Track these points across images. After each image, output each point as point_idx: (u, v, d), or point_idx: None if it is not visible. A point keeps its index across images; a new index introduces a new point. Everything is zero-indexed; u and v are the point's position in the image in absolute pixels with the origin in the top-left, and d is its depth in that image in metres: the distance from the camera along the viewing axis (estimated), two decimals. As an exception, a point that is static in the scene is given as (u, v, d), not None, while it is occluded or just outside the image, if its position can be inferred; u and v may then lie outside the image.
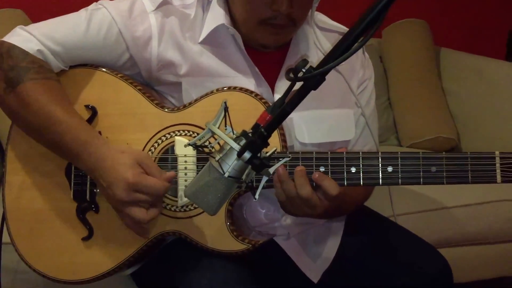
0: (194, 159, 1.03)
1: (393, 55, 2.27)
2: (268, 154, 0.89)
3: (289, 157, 0.95)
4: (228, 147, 0.82)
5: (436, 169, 0.93)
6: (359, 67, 1.21)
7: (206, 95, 1.05)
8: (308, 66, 0.72)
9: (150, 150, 1.05)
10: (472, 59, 2.23)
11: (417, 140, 2.13)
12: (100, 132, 1.06)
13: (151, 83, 1.14)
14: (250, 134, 0.78)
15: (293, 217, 1.17)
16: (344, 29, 1.23)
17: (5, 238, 1.11)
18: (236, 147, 0.79)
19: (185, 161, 1.03)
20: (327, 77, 1.16)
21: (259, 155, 0.83)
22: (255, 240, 1.02)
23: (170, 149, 1.05)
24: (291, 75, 0.73)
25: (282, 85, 1.12)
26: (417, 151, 0.94)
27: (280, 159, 0.91)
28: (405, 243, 1.23)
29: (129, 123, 1.06)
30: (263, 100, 1.03)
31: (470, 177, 0.92)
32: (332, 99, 1.17)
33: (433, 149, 2.12)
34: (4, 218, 1.09)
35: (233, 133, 0.84)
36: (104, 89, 1.07)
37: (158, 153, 1.05)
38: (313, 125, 1.14)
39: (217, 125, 0.87)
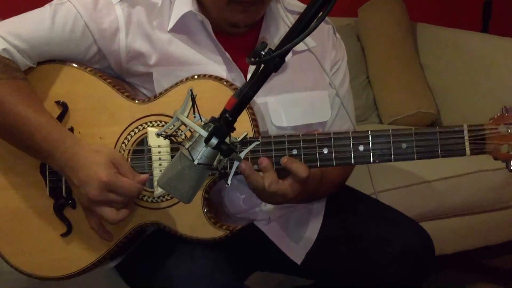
0: (168, 149, 1.03)
1: (370, 34, 2.28)
2: (239, 139, 0.90)
3: (259, 141, 0.96)
4: (197, 135, 0.82)
5: (406, 145, 0.94)
6: (330, 48, 1.22)
7: (176, 84, 1.05)
8: (267, 48, 0.72)
9: (123, 142, 1.05)
10: (448, 33, 2.24)
11: (398, 116, 2.14)
12: (72, 128, 1.06)
13: (122, 75, 1.13)
14: (216, 120, 0.78)
15: None
16: None
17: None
18: (204, 133, 0.79)
19: (159, 152, 1.03)
20: (300, 60, 1.20)
21: (228, 140, 0.83)
22: (233, 226, 1.02)
23: (144, 141, 1.05)
24: (252, 58, 0.73)
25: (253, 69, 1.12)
26: (387, 129, 0.95)
27: (259, 140, 0.92)
28: (385, 219, 1.24)
29: (101, 117, 1.05)
30: (233, 87, 1.03)
31: (440, 151, 0.93)
32: (306, 81, 1.17)
33: (414, 124, 2.13)
34: (-18, 219, 1.09)
35: (202, 120, 0.84)
36: (73, 84, 1.07)
37: (132, 145, 1.05)
38: (289, 108, 1.14)
39: (185, 113, 0.87)
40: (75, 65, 1.08)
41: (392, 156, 0.94)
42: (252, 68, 1.12)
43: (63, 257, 1.06)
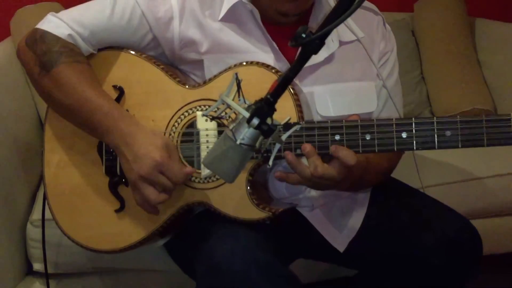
0: (215, 132, 1.07)
1: (425, 29, 2.23)
2: (283, 123, 0.93)
3: (300, 124, 0.98)
4: (240, 116, 0.86)
5: (451, 133, 0.93)
6: (379, 40, 1.22)
7: (225, 70, 1.09)
8: (308, 31, 0.74)
9: (173, 125, 1.10)
10: (508, 28, 2.16)
11: (452, 113, 2.08)
12: (127, 110, 1.12)
13: (175, 62, 1.19)
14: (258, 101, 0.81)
15: (317, 191, 1.19)
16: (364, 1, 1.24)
17: (48, 214, 1.19)
18: (246, 114, 0.83)
19: (207, 135, 1.08)
20: (348, 50, 1.21)
21: (269, 122, 0.86)
22: (275, 208, 1.05)
23: (193, 124, 1.10)
24: (293, 41, 0.76)
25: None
26: (431, 117, 0.95)
27: (300, 123, 0.94)
28: (432, 211, 1.21)
29: (154, 100, 1.11)
30: (279, 73, 1.06)
31: (485, 140, 0.92)
32: (353, 72, 1.18)
33: (469, 122, 2.07)
34: (45, 195, 1.18)
35: (246, 103, 0.88)
36: (129, 70, 1.13)
37: (181, 128, 1.10)
38: (335, 98, 1.16)
39: (231, 97, 0.90)
40: (132, 52, 1.14)
41: (436, 143, 0.94)
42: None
43: (116, 232, 1.13)
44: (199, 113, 1.08)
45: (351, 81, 1.17)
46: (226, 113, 0.90)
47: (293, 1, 1.08)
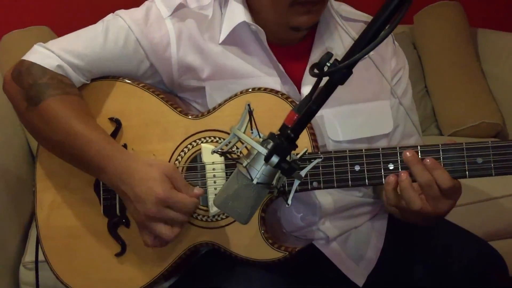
0: (223, 166, 0.99)
1: (426, 41, 2.18)
2: (298, 156, 0.85)
3: (321, 157, 0.90)
4: (255, 152, 0.78)
5: (482, 160, 0.86)
6: (390, 57, 1.15)
7: (230, 98, 1.01)
8: (333, 59, 0.67)
9: (177, 159, 1.02)
10: (511, 38, 2.10)
11: (459, 128, 2.03)
12: (125, 144, 1.04)
13: (174, 90, 1.11)
14: (277, 136, 0.73)
15: (332, 220, 1.12)
16: (370, 17, 1.17)
17: (42, 256, 1.10)
18: (263, 151, 0.75)
19: (213, 169, 0.99)
20: (358, 69, 1.13)
21: (288, 158, 0.78)
22: (291, 247, 0.97)
23: (197, 157, 1.01)
24: (316, 70, 0.68)
25: (309, 81, 1.07)
26: (460, 142, 0.87)
27: (312, 160, 0.86)
28: (453, 238, 1.14)
29: (154, 133, 1.03)
30: (289, 99, 0.98)
31: (521, 166, 0.84)
32: (365, 91, 1.10)
33: (477, 136, 2.01)
34: (38, 238, 1.08)
35: (260, 137, 0.80)
36: (126, 100, 1.05)
37: (185, 162, 1.01)
38: (347, 121, 1.08)
39: (242, 129, 0.83)
40: (128, 81, 1.06)
41: (467, 172, 0.86)
42: (307, 80, 1.07)
43: (116, 278, 1.03)
44: (204, 146, 1.00)
45: (363, 101, 1.10)
46: (237, 148, 0.82)
47: (307, 13, 1.00)
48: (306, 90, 1.07)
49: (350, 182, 0.92)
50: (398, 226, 1.16)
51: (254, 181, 0.74)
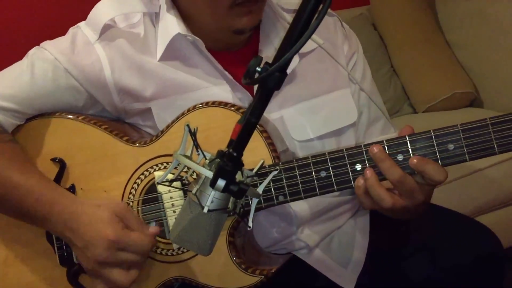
0: (181, 193, 0.91)
1: (386, 20, 2.11)
2: (255, 171, 0.77)
3: (277, 169, 0.82)
4: (204, 176, 0.70)
5: (453, 146, 0.79)
6: (341, 43, 1.07)
7: (178, 118, 0.93)
8: (263, 63, 0.59)
9: (130, 192, 0.93)
10: (471, 2, 2.05)
11: (432, 102, 1.97)
12: (73, 185, 0.95)
13: (121, 117, 1.03)
14: (219, 157, 0.66)
15: (311, 226, 1.05)
16: None
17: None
18: (210, 174, 0.67)
19: (171, 197, 0.91)
20: (311, 62, 1.06)
21: (241, 176, 0.71)
22: (267, 269, 0.89)
23: (152, 187, 0.93)
24: (247, 79, 0.60)
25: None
26: (427, 130, 0.80)
27: (277, 169, 0.79)
28: (442, 223, 1.09)
29: (102, 168, 0.94)
30: (241, 110, 0.90)
31: (496, 147, 0.77)
32: (322, 83, 1.03)
33: (452, 108, 1.96)
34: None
35: (206, 158, 0.72)
36: (67, 137, 0.96)
37: (140, 195, 0.93)
38: (309, 117, 1.01)
39: (188, 152, 0.75)
40: (67, 116, 0.97)
41: (439, 161, 0.79)
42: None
43: (86, 330, 0.95)
44: (157, 174, 0.92)
45: (322, 94, 1.02)
46: (186, 172, 0.74)
47: (248, 13, 0.92)
48: None
49: (318, 190, 0.84)
50: (381, 220, 1.10)
51: (205, 210, 0.67)
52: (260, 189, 0.72)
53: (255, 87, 0.98)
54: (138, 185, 0.93)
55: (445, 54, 2.04)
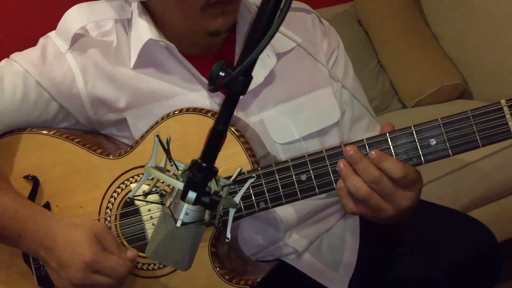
0: (159, 205, 0.87)
1: (371, 15, 2.09)
2: (232, 179, 0.74)
3: (253, 177, 0.79)
4: (177, 188, 0.67)
5: (435, 140, 0.76)
6: (320, 40, 1.04)
7: (152, 128, 0.90)
8: (225, 67, 0.56)
9: (107, 207, 0.90)
10: (454, -6, 2.03)
11: (421, 96, 1.94)
12: (48, 202, 0.92)
13: (96, 128, 1.00)
14: (189, 169, 0.63)
15: (299, 230, 1.02)
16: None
17: None
18: (182, 186, 0.64)
19: (149, 210, 0.88)
20: (290, 61, 1.03)
21: (215, 186, 0.67)
22: (252, 278, 0.86)
23: (130, 200, 0.90)
24: (210, 85, 0.57)
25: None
26: (408, 126, 0.77)
27: (253, 176, 0.76)
28: (434, 220, 1.06)
29: (77, 183, 0.91)
30: (216, 116, 0.87)
31: (479, 140, 0.74)
32: (303, 83, 1.00)
33: (442, 101, 1.94)
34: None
35: (178, 169, 0.69)
36: (40, 153, 0.93)
37: (117, 209, 0.90)
38: (290, 119, 0.97)
39: (162, 163, 0.72)
40: (38, 131, 0.94)
41: (422, 157, 0.76)
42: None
43: None
44: (134, 186, 0.89)
45: (303, 94, 0.99)
46: (163, 183, 0.71)
47: (221, 14, 0.89)
48: None
49: (299, 194, 0.81)
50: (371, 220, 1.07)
51: (178, 224, 0.64)
52: (237, 198, 0.69)
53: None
54: (114, 199, 0.90)
55: (432, 47, 2.01)
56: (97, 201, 0.90)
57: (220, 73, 0.55)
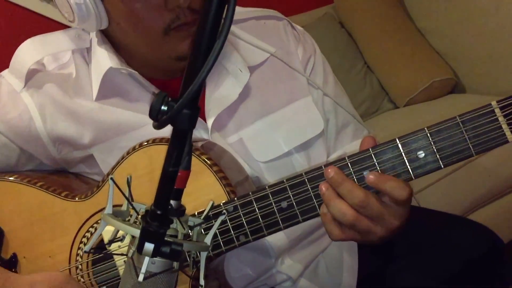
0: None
1: (353, 15, 2.03)
2: (203, 216, 0.67)
3: (224, 214, 0.72)
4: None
5: (424, 153, 0.68)
6: (295, 46, 0.97)
7: (118, 164, 0.83)
8: (167, 99, 0.49)
9: (78, 254, 0.83)
10: (436, -13, 1.97)
11: (412, 95, 1.88)
12: (15, 254, 0.85)
13: (64, 168, 0.93)
14: (142, 217, 0.55)
15: (291, 254, 0.95)
16: (259, 11, 0.99)
17: None
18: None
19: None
20: (266, 74, 0.95)
21: (181, 229, 0.60)
22: (240, 319, 0.79)
23: (101, 245, 0.83)
24: (154, 122, 0.50)
25: (214, 110, 0.89)
26: (393, 139, 0.70)
27: (223, 212, 0.69)
28: (435, 229, 0.99)
29: (43, 231, 0.84)
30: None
31: (471, 147, 0.67)
32: (281, 95, 0.93)
33: (434, 97, 1.87)
34: None
35: (138, 213, 0.62)
36: (1, 201, 0.86)
37: (89, 256, 0.83)
38: (271, 134, 0.91)
39: (125, 205, 0.65)
40: (-1, 178, 0.87)
41: (411, 172, 0.69)
42: (211, 109, 0.90)
43: None
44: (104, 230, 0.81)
45: (282, 106, 0.92)
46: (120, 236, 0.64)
47: (187, 37, 0.82)
48: (212, 121, 0.90)
49: (281, 224, 0.74)
50: None
51: (140, 278, 0.56)
52: (208, 239, 0.62)
53: (208, 109, 0.89)
54: (84, 244, 0.83)
55: (418, 42, 1.95)
56: (66, 249, 0.83)
57: (163, 108, 0.48)
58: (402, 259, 0.97)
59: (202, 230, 0.71)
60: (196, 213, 0.77)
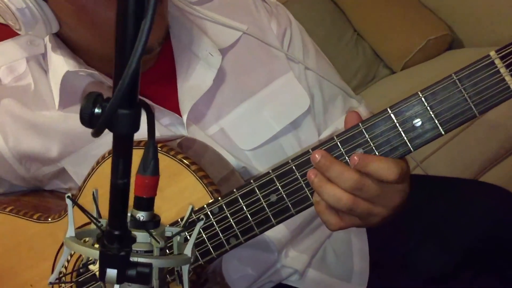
0: (116, 266, 0.73)
1: (336, -19, 1.92)
2: (183, 223, 0.59)
3: (202, 219, 0.64)
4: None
5: (420, 120, 0.60)
6: (267, 20, 0.89)
7: (89, 175, 0.76)
8: (99, 99, 0.41)
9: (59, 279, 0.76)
10: None
11: (408, 57, 1.78)
12: (-6, 287, 0.79)
13: (38, 186, 0.87)
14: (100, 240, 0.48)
15: (295, 245, 0.89)
16: None
17: None
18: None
19: (106, 273, 0.74)
20: (241, 55, 0.87)
21: (157, 243, 0.53)
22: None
23: (84, 266, 0.76)
24: (92, 130, 0.43)
25: (188, 102, 0.82)
26: (384, 109, 0.61)
27: (201, 218, 0.61)
28: (446, 197, 0.94)
29: (20, 258, 0.78)
30: (166, 148, 0.72)
31: (473, 106, 0.58)
32: (259, 75, 0.86)
33: (431, 56, 1.77)
34: None
35: (103, 233, 0.54)
36: (-28, 233, 0.80)
37: (71, 278, 0.76)
38: (254, 119, 0.84)
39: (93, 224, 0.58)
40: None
41: (409, 144, 0.61)
42: (185, 101, 0.82)
43: None
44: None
45: (262, 87, 0.85)
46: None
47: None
48: (187, 114, 0.82)
49: (273, 220, 0.67)
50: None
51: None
52: (187, 250, 0.54)
53: (182, 102, 0.82)
54: (66, 268, 0.76)
55: (408, 1, 1.85)
56: (47, 275, 0.76)
57: (96, 110, 0.40)
58: (418, 235, 0.92)
59: (188, 238, 0.64)
60: (179, 220, 0.70)
